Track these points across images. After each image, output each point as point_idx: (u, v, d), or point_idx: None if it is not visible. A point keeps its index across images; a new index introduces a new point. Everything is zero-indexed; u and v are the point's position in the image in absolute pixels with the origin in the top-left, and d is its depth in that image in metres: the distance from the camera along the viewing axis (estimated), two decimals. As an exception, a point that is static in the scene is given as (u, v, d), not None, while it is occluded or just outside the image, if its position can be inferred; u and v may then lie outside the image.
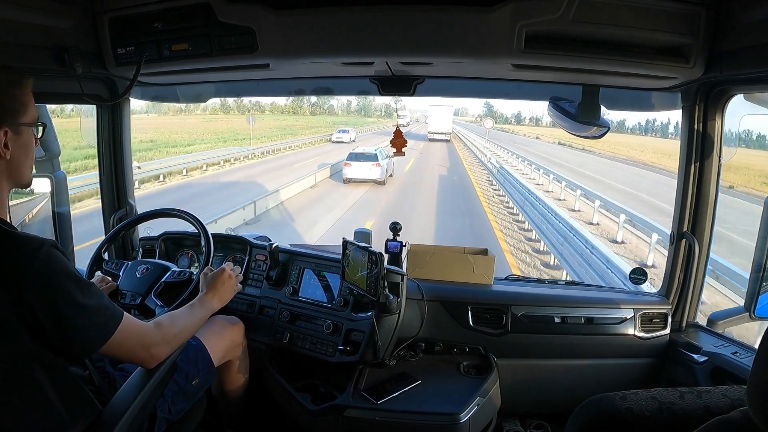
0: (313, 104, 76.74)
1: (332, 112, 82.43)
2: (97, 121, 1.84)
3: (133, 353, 1.00)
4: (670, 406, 0.78)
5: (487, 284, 1.73)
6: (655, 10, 1.21)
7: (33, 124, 0.97)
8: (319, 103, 77.40)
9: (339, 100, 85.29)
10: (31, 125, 0.96)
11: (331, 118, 69.25)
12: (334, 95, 23.67)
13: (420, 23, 1.26)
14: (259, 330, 1.70)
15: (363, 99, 74.35)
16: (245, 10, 1.30)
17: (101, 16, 1.42)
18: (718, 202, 1.56)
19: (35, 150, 1.00)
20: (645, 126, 62.96)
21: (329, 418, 1.41)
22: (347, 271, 1.55)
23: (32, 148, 0.98)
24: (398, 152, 1.80)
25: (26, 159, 0.97)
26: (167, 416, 1.20)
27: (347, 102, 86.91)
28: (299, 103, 72.17)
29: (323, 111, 79.14)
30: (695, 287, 1.63)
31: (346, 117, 79.88)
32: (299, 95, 14.77)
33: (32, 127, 0.97)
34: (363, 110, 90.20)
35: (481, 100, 74.85)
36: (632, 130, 63.46)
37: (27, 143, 0.96)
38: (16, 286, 0.84)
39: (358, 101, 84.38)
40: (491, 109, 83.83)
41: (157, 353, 1.04)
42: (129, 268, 1.53)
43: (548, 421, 1.79)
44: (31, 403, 0.88)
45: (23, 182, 0.98)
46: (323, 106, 79.10)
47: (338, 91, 2.08)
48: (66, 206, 1.75)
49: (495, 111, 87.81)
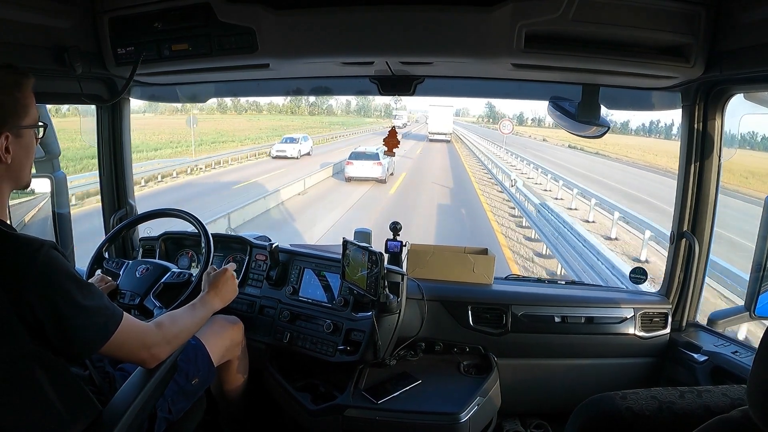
0: (311, 104, 74.27)
1: (331, 112, 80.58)
2: (97, 121, 1.85)
3: (134, 353, 1.00)
4: (671, 406, 0.78)
5: (487, 284, 1.73)
6: (655, 9, 1.21)
7: (34, 125, 0.96)
8: (318, 103, 75.12)
9: (338, 99, 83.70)
10: (32, 127, 0.95)
11: (329, 119, 67.24)
12: (334, 95, 23.54)
13: (420, 23, 1.26)
14: (260, 330, 1.70)
15: (363, 99, 72.23)
16: (245, 10, 1.30)
17: (101, 16, 1.42)
18: (718, 201, 1.56)
19: (35, 150, 1.00)
20: (652, 128, 60.09)
21: (329, 418, 1.41)
22: (347, 270, 1.55)
23: (33, 150, 0.98)
24: (389, 152, 1.83)
25: (27, 161, 0.96)
26: (167, 416, 1.20)
27: (346, 102, 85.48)
28: (297, 103, 69.36)
29: (322, 111, 77.18)
30: (695, 287, 1.63)
31: (344, 117, 77.84)
32: (299, 95, 14.58)
33: (33, 129, 0.96)
34: (363, 110, 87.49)
35: (482, 101, 73.89)
36: (648, 132, 59.44)
37: (28, 145, 0.95)
38: (16, 286, 0.84)
39: (358, 101, 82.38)
40: (493, 109, 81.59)
41: (157, 353, 1.04)
42: (129, 267, 1.53)
43: (548, 420, 1.79)
44: (31, 403, 0.88)
45: (23, 183, 0.98)
46: (322, 105, 77.17)
47: (338, 91, 2.08)
48: (66, 207, 1.75)
49: (497, 111, 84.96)
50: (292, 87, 2.02)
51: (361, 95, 24.03)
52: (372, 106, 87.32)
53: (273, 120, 50.00)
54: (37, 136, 0.99)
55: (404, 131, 35.53)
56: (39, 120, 0.98)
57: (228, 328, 1.48)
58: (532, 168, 16.91)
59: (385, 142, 1.82)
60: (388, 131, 1.83)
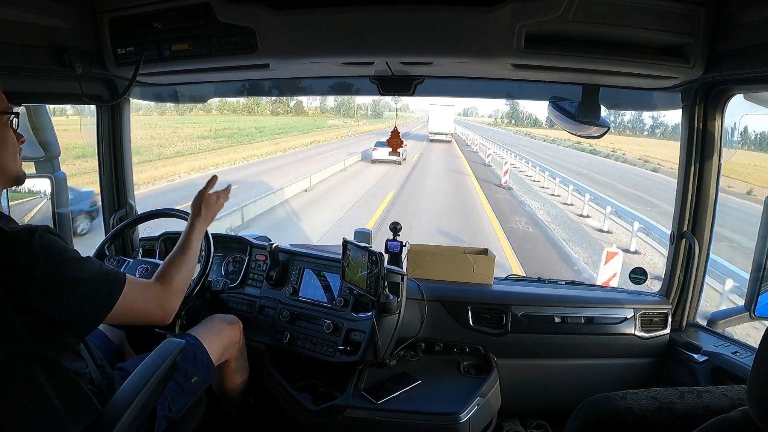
0: (275, 101, 58.15)
1: (301, 112, 64.19)
2: (97, 121, 1.85)
3: (145, 313, 1.01)
4: (671, 406, 0.78)
5: (487, 284, 1.73)
6: (655, 9, 1.21)
7: (3, 112, 0.94)
8: (284, 100, 58.88)
9: (309, 96, 66.98)
10: (1, 114, 0.93)
11: (297, 120, 51.74)
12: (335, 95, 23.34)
13: (420, 23, 1.26)
14: (260, 330, 1.70)
15: (342, 96, 51.22)
16: (245, 11, 1.30)
17: (101, 16, 1.42)
18: (718, 201, 1.56)
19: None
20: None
21: (329, 418, 1.41)
22: (347, 271, 1.55)
23: (9, 140, 0.95)
24: (393, 152, 1.88)
25: (5, 150, 0.94)
26: (168, 414, 1.20)
27: (321, 99, 65.98)
28: (257, 101, 53.17)
29: (289, 110, 62.06)
30: (695, 287, 1.63)
31: (316, 118, 59.72)
32: (299, 95, 14.81)
33: (4, 116, 0.94)
34: (342, 109, 69.68)
35: (490, 100, 69.29)
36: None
37: (3, 136, 0.93)
38: (15, 276, 0.84)
39: (336, 98, 63.12)
40: (515, 108, 72.35)
41: (168, 306, 1.04)
42: (129, 267, 1.54)
43: (548, 421, 1.79)
44: (31, 403, 0.88)
45: (10, 175, 0.96)
46: (288, 103, 61.59)
47: (338, 91, 2.09)
48: (66, 206, 1.75)
49: (522, 111, 73.74)
50: (292, 87, 2.03)
51: (361, 95, 23.87)
52: (354, 105, 71.93)
53: (215, 123, 35.64)
54: (11, 125, 0.96)
55: (403, 131, 35.24)
56: (11, 109, 0.95)
57: (226, 328, 1.48)
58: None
59: (389, 142, 1.86)
60: (390, 132, 1.86)
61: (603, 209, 10.01)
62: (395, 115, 2.04)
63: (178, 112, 37.07)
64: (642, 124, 57.63)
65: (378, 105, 76.45)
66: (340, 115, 68.65)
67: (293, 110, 62.98)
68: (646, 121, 56.37)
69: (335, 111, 70.81)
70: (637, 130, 57.50)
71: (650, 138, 49.51)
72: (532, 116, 78.14)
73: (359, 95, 2.66)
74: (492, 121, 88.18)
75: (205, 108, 40.77)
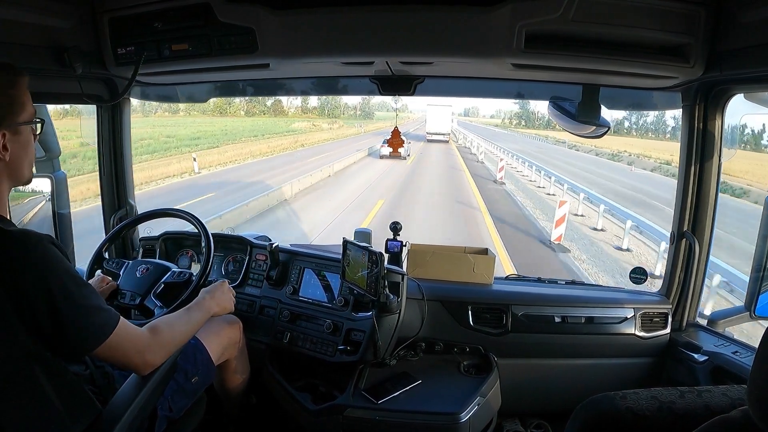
0: (250, 101, 51.01)
1: (280, 112, 57.42)
2: (97, 121, 1.85)
3: (127, 358, 0.99)
4: (671, 406, 0.78)
5: (487, 284, 1.73)
6: (655, 9, 1.21)
7: (31, 121, 0.96)
8: (259, 99, 51.67)
9: (290, 96, 46.83)
10: (29, 123, 0.96)
11: (273, 122, 45.04)
12: (334, 95, 23.14)
13: (420, 23, 1.26)
14: (260, 330, 1.70)
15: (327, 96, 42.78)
16: (245, 10, 1.30)
17: (101, 16, 1.42)
18: (719, 201, 1.56)
19: (35, 149, 1.00)
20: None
21: (329, 418, 1.41)
22: (347, 270, 1.55)
23: (32, 146, 0.98)
24: (394, 152, 1.91)
25: (26, 157, 0.96)
26: (168, 414, 1.20)
27: (302, 99, 58.10)
28: (229, 100, 45.71)
29: (267, 110, 55.44)
30: (695, 287, 1.63)
31: (296, 119, 51.90)
32: (299, 95, 14.79)
33: (30, 125, 0.96)
34: (326, 109, 62.97)
35: (491, 99, 64.15)
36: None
37: (26, 142, 0.95)
38: (14, 281, 0.84)
39: (319, 97, 56.23)
40: (525, 108, 63.93)
41: (151, 359, 1.03)
42: (129, 267, 1.53)
43: (548, 420, 1.79)
44: (31, 403, 0.88)
45: (23, 180, 0.98)
46: (266, 102, 54.67)
47: (338, 91, 2.09)
48: (66, 206, 1.75)
49: (533, 111, 64.87)
50: (292, 87, 2.03)
51: (361, 95, 23.91)
52: (341, 105, 65.02)
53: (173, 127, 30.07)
54: (34, 132, 0.99)
55: (403, 131, 35.10)
56: (36, 116, 0.98)
57: (226, 328, 1.48)
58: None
59: (390, 142, 1.88)
60: (391, 131, 1.87)
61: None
62: (395, 115, 2.06)
63: (143, 113, 30.68)
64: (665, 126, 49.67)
65: (368, 104, 69.78)
66: (324, 116, 61.05)
67: (270, 110, 56.67)
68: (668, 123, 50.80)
69: (319, 111, 63.66)
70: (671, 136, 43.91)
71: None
72: (545, 117, 58.90)
73: (359, 95, 2.65)
74: (499, 122, 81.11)
75: (171, 109, 37.74)
